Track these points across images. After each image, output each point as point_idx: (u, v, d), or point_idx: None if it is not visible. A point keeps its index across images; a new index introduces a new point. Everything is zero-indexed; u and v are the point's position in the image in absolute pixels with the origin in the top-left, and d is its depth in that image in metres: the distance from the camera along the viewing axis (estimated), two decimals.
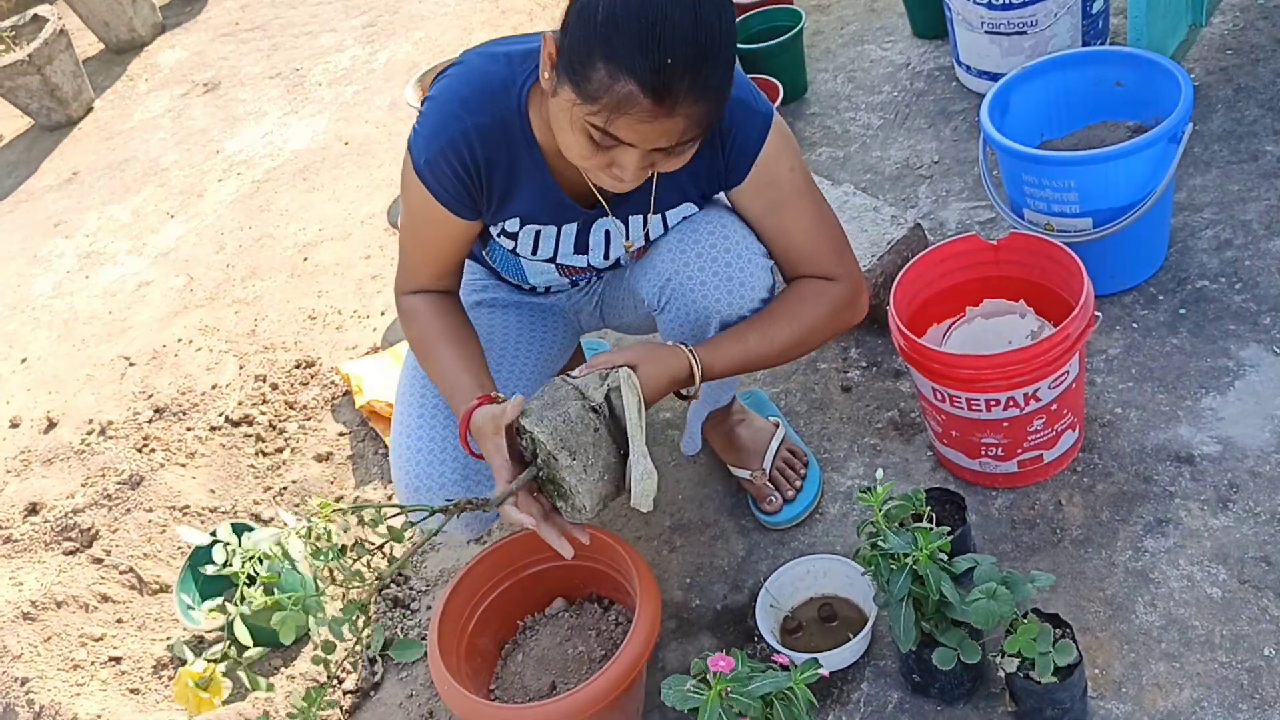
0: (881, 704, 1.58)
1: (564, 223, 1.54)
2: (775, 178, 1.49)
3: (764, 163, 1.47)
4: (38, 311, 3.32)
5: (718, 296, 1.53)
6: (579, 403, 1.37)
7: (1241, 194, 2.09)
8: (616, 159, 1.27)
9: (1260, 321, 1.87)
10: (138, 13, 4.78)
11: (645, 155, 1.27)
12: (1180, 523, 1.65)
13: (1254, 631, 1.50)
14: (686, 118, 1.21)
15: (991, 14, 2.43)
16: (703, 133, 1.27)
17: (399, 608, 1.99)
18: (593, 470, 1.36)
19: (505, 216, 1.52)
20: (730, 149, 1.45)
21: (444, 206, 1.46)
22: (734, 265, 1.53)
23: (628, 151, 1.26)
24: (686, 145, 1.28)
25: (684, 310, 1.56)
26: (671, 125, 1.21)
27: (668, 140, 1.24)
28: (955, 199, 2.36)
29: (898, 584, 1.40)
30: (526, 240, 1.55)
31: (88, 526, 2.23)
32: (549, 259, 1.59)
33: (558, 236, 1.55)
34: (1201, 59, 2.41)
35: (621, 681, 1.45)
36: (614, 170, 1.29)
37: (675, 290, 1.55)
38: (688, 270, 1.53)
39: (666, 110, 1.19)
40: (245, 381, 2.63)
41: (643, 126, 1.21)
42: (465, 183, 1.44)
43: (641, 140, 1.23)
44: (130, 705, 1.89)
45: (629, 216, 1.54)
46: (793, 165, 1.49)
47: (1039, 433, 1.69)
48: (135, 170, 3.92)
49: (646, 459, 1.35)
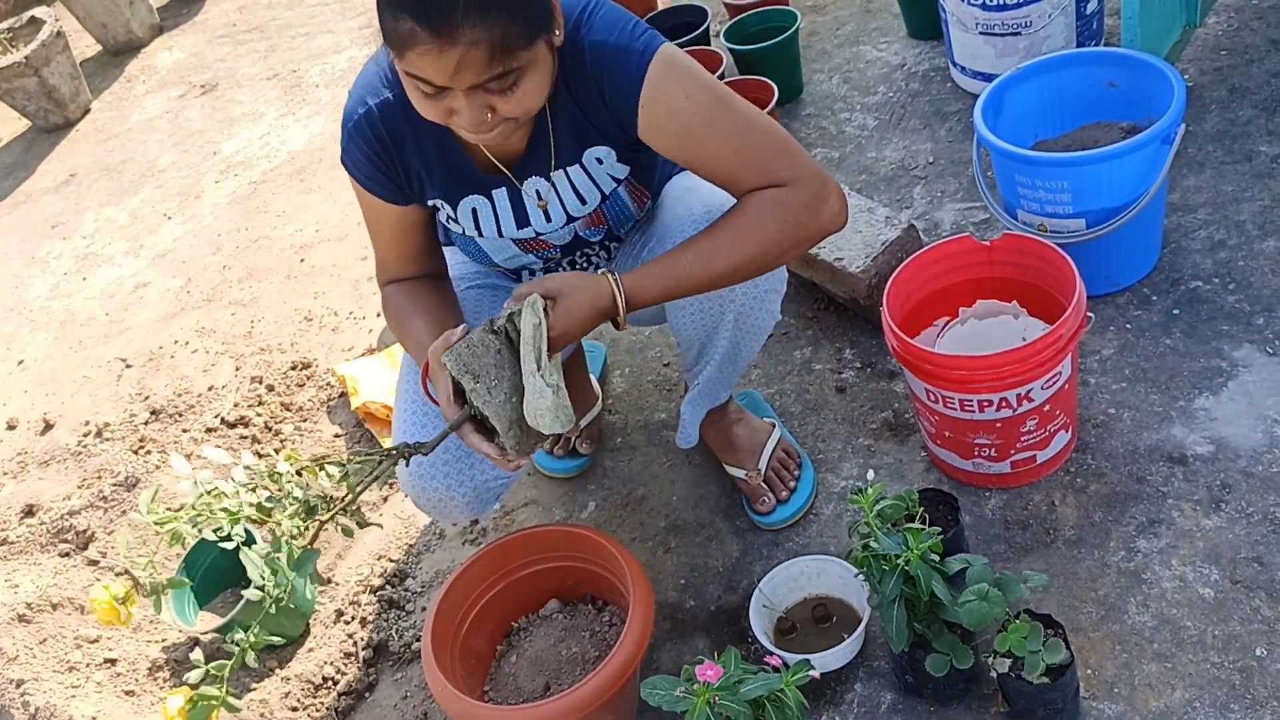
0: (874, 705, 1.59)
1: (486, 192, 1.52)
2: (672, 110, 1.39)
3: (651, 101, 1.39)
4: (35, 313, 3.32)
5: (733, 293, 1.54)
6: (481, 329, 1.37)
7: (1235, 194, 2.10)
8: (451, 106, 1.27)
9: (1253, 322, 1.87)
10: (135, 14, 4.78)
11: (471, 96, 1.25)
12: (1173, 523, 1.65)
13: (1246, 632, 1.50)
14: (473, 44, 1.20)
15: (986, 15, 2.43)
16: (514, 62, 1.24)
17: (393, 609, 2.00)
18: (496, 393, 1.34)
19: (433, 195, 1.52)
20: (610, 98, 1.40)
21: (372, 194, 1.50)
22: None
23: (454, 96, 1.26)
24: (507, 80, 1.25)
25: (698, 301, 1.55)
26: (463, 55, 1.20)
27: (475, 73, 1.22)
28: (950, 200, 2.36)
29: (889, 585, 1.40)
30: (467, 218, 1.55)
31: (84, 528, 2.24)
32: (496, 235, 1.58)
33: (494, 210, 1.54)
34: (1195, 59, 2.41)
35: (615, 682, 1.45)
36: (456, 119, 1.29)
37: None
38: None
39: (448, 39, 1.19)
40: (241, 383, 2.63)
41: (434, 60, 1.20)
42: (379, 164, 1.46)
43: (445, 76, 1.22)
44: (125, 707, 1.89)
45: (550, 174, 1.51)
46: (689, 92, 1.39)
47: (1032, 433, 1.69)
48: (133, 172, 3.92)
49: (536, 376, 1.33)
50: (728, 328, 1.61)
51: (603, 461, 2.13)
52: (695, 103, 1.41)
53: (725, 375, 1.72)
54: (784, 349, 2.18)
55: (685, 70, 1.41)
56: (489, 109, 1.28)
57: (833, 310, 2.20)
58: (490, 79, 1.24)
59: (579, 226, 1.60)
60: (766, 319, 1.65)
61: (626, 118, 1.42)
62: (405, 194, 1.51)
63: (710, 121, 1.41)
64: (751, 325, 1.63)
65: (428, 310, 1.53)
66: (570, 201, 1.55)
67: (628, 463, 2.10)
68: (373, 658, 1.92)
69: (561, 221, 1.57)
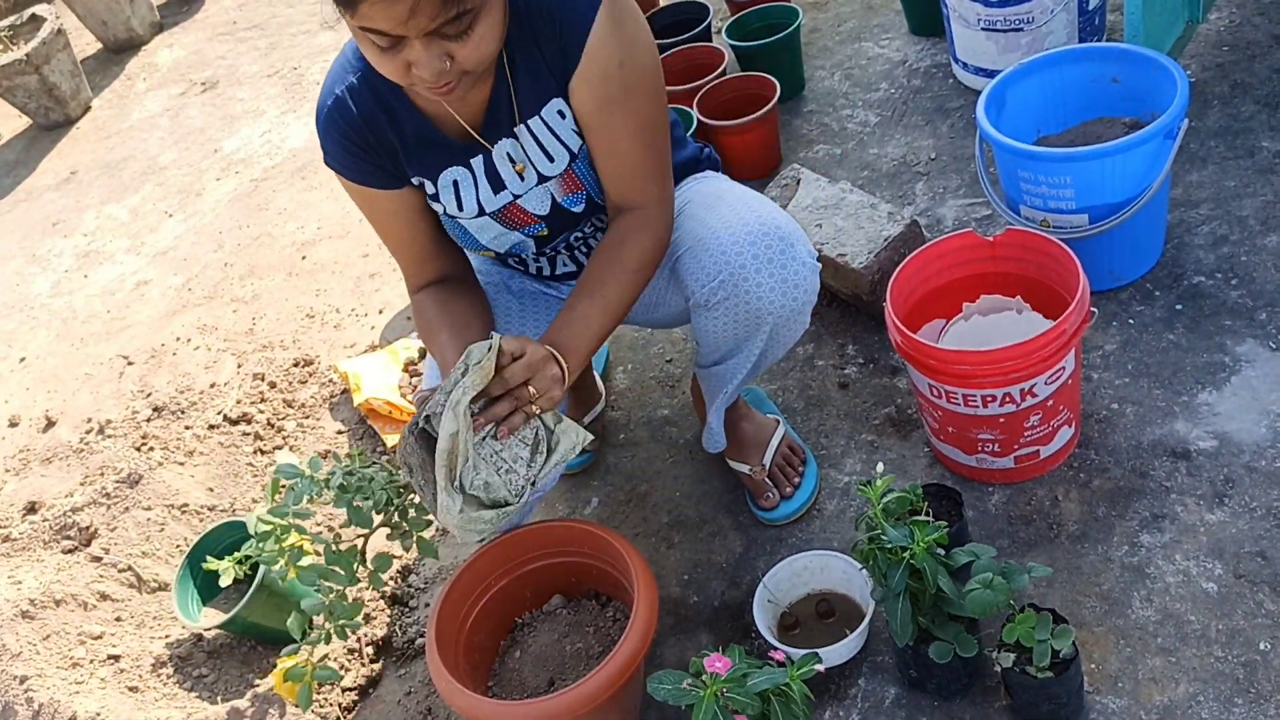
0: (879, 699, 1.59)
1: (464, 161, 1.50)
2: (606, 69, 1.39)
3: (594, 48, 1.38)
4: (36, 311, 3.32)
5: (773, 299, 1.52)
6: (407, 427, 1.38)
7: (1238, 190, 2.10)
8: (409, 59, 1.25)
9: (1256, 317, 1.87)
10: (135, 12, 4.78)
11: (428, 44, 1.24)
12: (1176, 518, 1.65)
13: (1249, 626, 1.50)
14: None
15: (988, 11, 2.43)
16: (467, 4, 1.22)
17: (397, 605, 2.00)
18: (426, 489, 1.37)
19: (413, 172, 1.51)
20: (563, 34, 1.38)
21: (359, 184, 1.50)
22: (790, 266, 1.51)
23: (410, 46, 1.24)
24: (461, 23, 1.23)
25: (737, 311, 1.54)
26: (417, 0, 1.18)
27: (430, 19, 1.20)
28: (952, 196, 2.36)
29: (895, 578, 1.40)
30: (448, 192, 1.53)
31: (86, 525, 2.24)
32: (477, 213, 1.55)
33: (473, 179, 1.52)
34: (1198, 55, 2.41)
35: (619, 678, 1.45)
36: (415, 73, 1.27)
37: (730, 290, 1.52)
38: (744, 271, 1.50)
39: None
40: (243, 380, 2.63)
41: (386, 7, 1.18)
42: (356, 150, 1.46)
43: (398, 22, 1.20)
44: (129, 703, 1.89)
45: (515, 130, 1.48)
46: (623, 60, 1.39)
47: (1035, 429, 1.69)
48: (133, 169, 3.92)
49: (445, 492, 1.33)
50: (762, 337, 1.58)
51: (606, 457, 2.13)
52: (625, 75, 1.41)
53: (748, 379, 1.71)
54: None
55: (625, 31, 1.40)
56: (447, 56, 1.26)
57: (835, 306, 2.20)
58: (445, 22, 1.22)
59: (554, 191, 1.55)
60: (799, 329, 1.64)
61: (572, 58, 1.40)
62: (390, 175, 1.50)
63: (628, 102, 1.43)
64: (785, 336, 1.62)
65: (451, 324, 1.51)
66: (539, 161, 1.51)
67: (631, 459, 2.10)
68: (376, 653, 1.92)
69: (534, 181, 1.53)
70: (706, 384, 1.76)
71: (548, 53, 1.40)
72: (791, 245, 1.52)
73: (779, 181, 2.27)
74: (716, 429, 1.81)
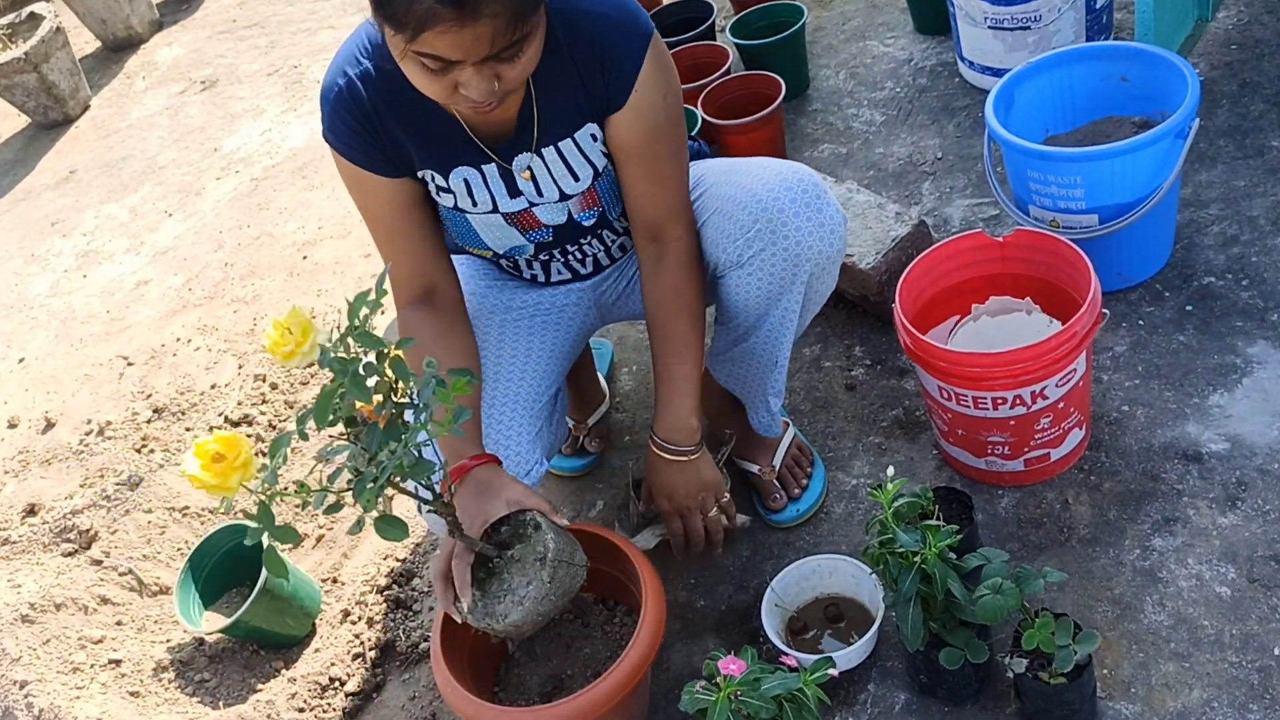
0: (889, 705, 1.57)
1: (477, 165, 1.50)
2: (654, 101, 1.45)
3: (645, 83, 1.43)
4: (35, 311, 3.30)
5: (812, 243, 1.52)
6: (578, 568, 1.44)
7: (1248, 189, 2.08)
8: (459, 80, 1.25)
9: (1267, 318, 1.85)
10: (134, 10, 4.76)
11: (481, 69, 1.24)
12: (1188, 521, 1.64)
13: (1264, 631, 1.48)
14: (494, 17, 1.18)
15: (995, 9, 2.41)
16: (526, 29, 1.23)
17: (400, 609, 1.98)
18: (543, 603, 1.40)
19: (421, 166, 1.50)
20: (610, 71, 1.41)
21: (361, 167, 1.47)
22: (825, 211, 1.53)
23: (463, 69, 1.24)
24: (517, 47, 1.24)
25: (775, 260, 1.53)
26: (484, 28, 1.19)
27: (490, 45, 1.21)
28: (959, 195, 2.35)
29: (906, 582, 1.39)
30: (460, 186, 1.52)
31: (86, 528, 2.22)
32: (490, 209, 1.55)
33: (485, 181, 1.51)
34: (1206, 54, 2.39)
35: (627, 684, 1.44)
36: (463, 93, 1.27)
37: (769, 238, 1.51)
38: (782, 215, 1.51)
39: (471, 13, 1.17)
40: (245, 381, 2.61)
41: (454, 36, 1.19)
42: (364, 134, 1.44)
43: (463, 52, 1.21)
44: (131, 708, 1.88)
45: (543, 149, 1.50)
46: (666, 92, 1.46)
47: (1046, 431, 1.67)
48: (133, 169, 3.90)
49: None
50: (800, 286, 1.56)
51: (610, 460, 2.11)
52: (669, 105, 1.47)
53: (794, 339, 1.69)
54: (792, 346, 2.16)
55: (667, 64, 1.47)
56: (496, 78, 1.27)
57: (842, 307, 2.18)
58: (504, 48, 1.23)
59: (573, 206, 1.56)
60: (831, 282, 1.64)
61: (619, 95, 1.43)
62: (394, 164, 1.48)
63: (671, 131, 1.49)
64: (821, 289, 1.62)
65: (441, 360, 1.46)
66: (563, 178, 1.52)
67: (635, 461, 2.08)
68: (380, 658, 1.91)
69: (554, 198, 1.54)
70: (740, 366, 1.72)
71: (587, 78, 1.42)
72: (824, 193, 1.55)
73: None
74: (776, 409, 1.78)
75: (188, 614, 1.96)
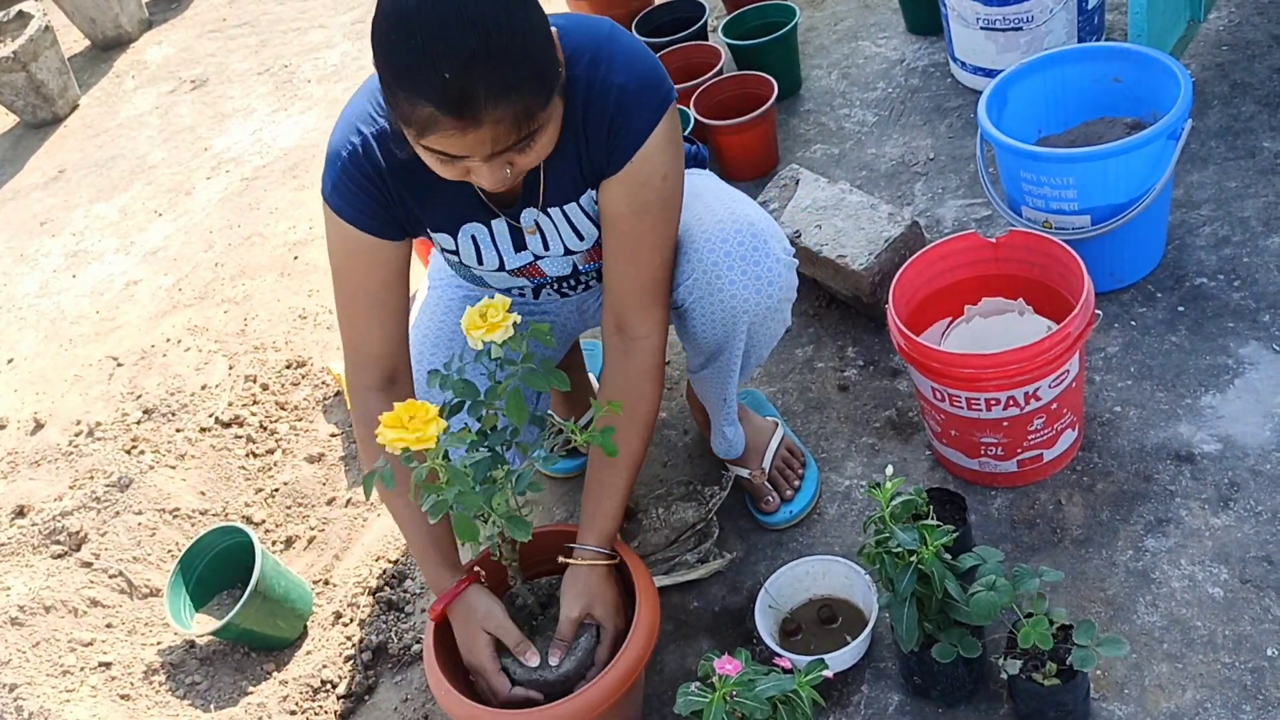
0: (882, 706, 1.57)
1: (484, 220, 1.49)
2: (650, 178, 1.40)
3: (647, 155, 1.38)
4: (24, 311, 3.28)
5: (746, 296, 1.51)
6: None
7: (1239, 190, 2.09)
8: (470, 169, 1.24)
9: (1259, 319, 1.86)
10: (124, 9, 4.73)
11: (492, 161, 1.23)
12: (1181, 522, 1.64)
13: (1256, 632, 1.49)
14: (497, 121, 1.17)
15: (987, 10, 2.41)
16: (534, 125, 1.21)
17: (392, 611, 1.97)
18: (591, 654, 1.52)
19: (432, 225, 1.48)
20: (617, 135, 1.37)
21: (363, 230, 1.42)
22: (763, 263, 1.51)
23: (472, 161, 1.22)
24: (527, 141, 1.23)
25: (712, 311, 1.53)
26: (486, 132, 1.17)
27: (495, 145, 1.19)
28: (951, 196, 2.35)
29: (903, 582, 1.39)
30: (467, 245, 1.51)
31: (76, 529, 2.20)
32: (497, 268, 1.54)
33: (492, 237, 1.50)
34: (1197, 55, 2.40)
35: (620, 685, 1.43)
36: (473, 178, 1.27)
37: (704, 289, 1.51)
38: (716, 269, 1.50)
39: (472, 121, 1.15)
40: (235, 382, 2.60)
41: (458, 139, 1.17)
42: (373, 194, 1.40)
43: (469, 151, 1.19)
44: (121, 711, 1.87)
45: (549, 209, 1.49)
46: (666, 174, 1.41)
47: (1039, 432, 1.67)
48: (122, 168, 3.88)
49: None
50: (741, 336, 1.58)
51: None
52: (665, 188, 1.42)
53: (741, 381, 1.71)
54: (785, 347, 2.16)
55: (676, 141, 1.42)
56: (508, 166, 1.26)
57: (835, 308, 2.18)
58: (510, 145, 1.21)
59: (578, 260, 1.57)
60: (778, 326, 1.64)
61: (617, 159, 1.39)
62: (400, 226, 1.45)
63: (661, 214, 1.44)
64: (765, 334, 1.62)
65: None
66: (569, 238, 1.52)
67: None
68: (372, 660, 1.90)
69: (560, 252, 1.54)
70: (702, 390, 1.75)
71: (594, 143, 1.39)
72: (764, 241, 1.52)
73: (778, 181, 2.25)
74: (732, 436, 1.80)
75: (178, 616, 1.95)
